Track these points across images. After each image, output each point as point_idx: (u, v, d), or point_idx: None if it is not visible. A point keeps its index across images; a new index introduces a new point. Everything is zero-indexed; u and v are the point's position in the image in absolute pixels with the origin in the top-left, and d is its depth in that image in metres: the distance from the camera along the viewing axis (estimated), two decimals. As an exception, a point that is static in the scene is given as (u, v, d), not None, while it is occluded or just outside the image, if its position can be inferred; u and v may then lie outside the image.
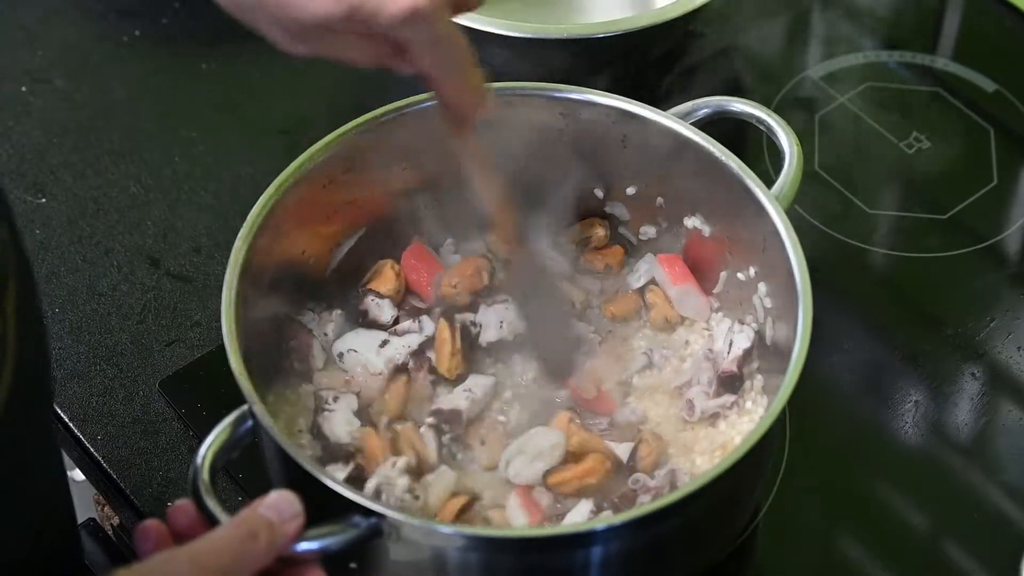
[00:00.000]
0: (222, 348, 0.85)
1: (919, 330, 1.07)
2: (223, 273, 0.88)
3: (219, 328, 0.86)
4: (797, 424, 0.99)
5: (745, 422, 0.92)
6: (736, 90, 1.00)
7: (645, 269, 0.99)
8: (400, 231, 1.00)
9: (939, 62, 1.23)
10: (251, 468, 0.88)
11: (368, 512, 0.79)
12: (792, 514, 0.97)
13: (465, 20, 0.93)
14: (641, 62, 1.14)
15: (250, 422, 0.83)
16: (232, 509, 0.79)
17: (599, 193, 1.01)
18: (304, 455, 0.82)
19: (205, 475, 0.80)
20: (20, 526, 0.78)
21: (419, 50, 0.83)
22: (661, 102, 0.98)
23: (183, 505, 0.80)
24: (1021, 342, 1.05)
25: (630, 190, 1.00)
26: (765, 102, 0.98)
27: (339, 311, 0.97)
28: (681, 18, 1.12)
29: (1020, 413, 1.02)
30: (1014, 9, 1.25)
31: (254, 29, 0.85)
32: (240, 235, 0.89)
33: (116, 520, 1.05)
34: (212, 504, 0.79)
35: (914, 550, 0.97)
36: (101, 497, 1.04)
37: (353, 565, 0.83)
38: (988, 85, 1.21)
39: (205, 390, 1.01)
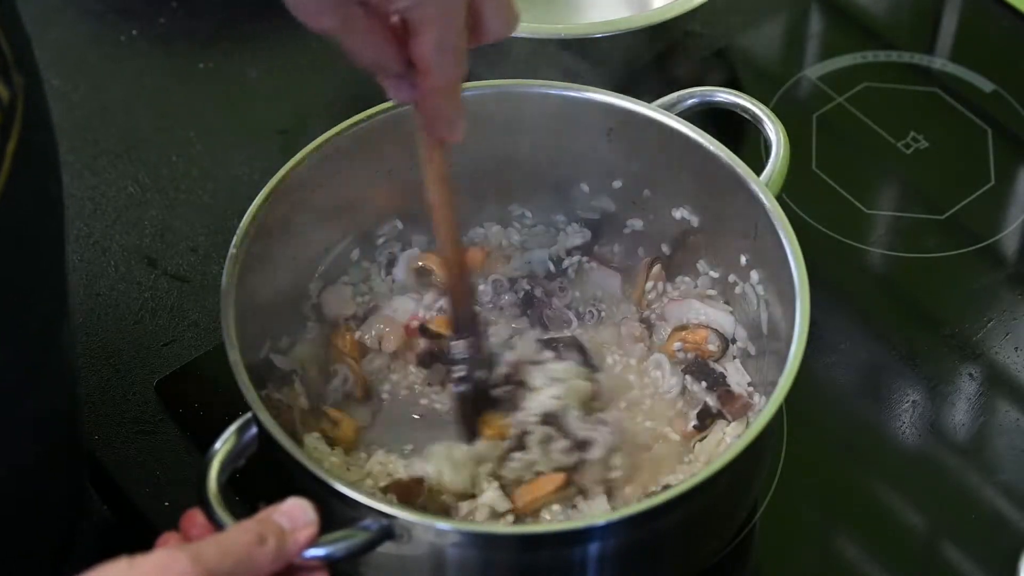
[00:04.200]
0: (219, 348, 0.85)
1: (916, 330, 1.07)
2: (220, 273, 0.88)
3: (216, 328, 0.85)
4: (794, 423, 0.99)
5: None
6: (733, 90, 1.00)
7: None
8: (389, 235, 1.01)
9: (937, 62, 1.23)
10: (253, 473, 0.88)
11: (379, 514, 0.79)
12: (789, 513, 0.97)
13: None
14: (639, 62, 1.14)
15: (254, 429, 0.83)
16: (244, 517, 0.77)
17: (584, 188, 1.00)
18: (312, 460, 0.81)
19: (212, 485, 0.80)
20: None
21: (424, 27, 0.80)
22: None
23: (193, 513, 0.79)
24: (1018, 342, 1.05)
25: (616, 183, 0.99)
26: (762, 102, 0.98)
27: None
28: (678, 18, 1.12)
29: (1017, 413, 1.02)
30: (1012, 9, 1.25)
31: None
32: (234, 241, 0.89)
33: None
34: (222, 513, 0.78)
35: (911, 550, 0.97)
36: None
37: (362, 569, 0.83)
38: (986, 85, 1.21)
39: (203, 390, 1.01)
